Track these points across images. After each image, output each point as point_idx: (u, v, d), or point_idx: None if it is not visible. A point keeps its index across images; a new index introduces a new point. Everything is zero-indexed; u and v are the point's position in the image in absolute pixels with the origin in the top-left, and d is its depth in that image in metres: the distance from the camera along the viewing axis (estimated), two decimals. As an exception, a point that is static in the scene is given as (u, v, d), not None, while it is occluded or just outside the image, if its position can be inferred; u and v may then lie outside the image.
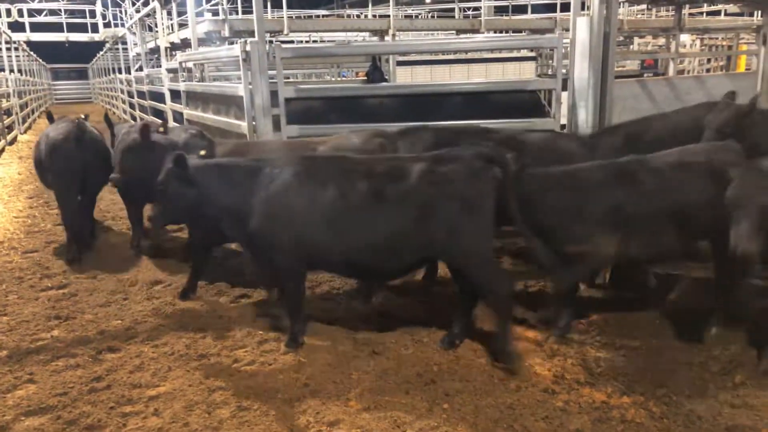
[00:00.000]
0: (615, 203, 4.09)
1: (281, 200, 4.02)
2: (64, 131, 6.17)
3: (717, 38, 18.99)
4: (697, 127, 4.88)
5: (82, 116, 6.78)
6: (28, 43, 27.72)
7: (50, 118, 6.95)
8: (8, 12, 25.96)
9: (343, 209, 3.96)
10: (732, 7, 16.16)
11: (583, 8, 6.37)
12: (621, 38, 16.91)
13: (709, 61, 18.36)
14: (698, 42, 18.87)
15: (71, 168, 6.09)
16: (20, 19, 26.67)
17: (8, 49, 20.73)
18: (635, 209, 4.07)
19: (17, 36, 24.88)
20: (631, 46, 19.28)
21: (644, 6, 16.68)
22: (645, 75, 13.14)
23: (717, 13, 17.43)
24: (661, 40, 18.16)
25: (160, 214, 4.38)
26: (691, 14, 15.53)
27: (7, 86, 17.93)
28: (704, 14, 17.56)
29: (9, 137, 16.29)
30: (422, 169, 3.96)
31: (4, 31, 20.06)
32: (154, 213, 4.39)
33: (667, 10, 17.52)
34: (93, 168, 6.15)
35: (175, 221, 4.49)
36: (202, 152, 4.62)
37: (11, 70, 19.89)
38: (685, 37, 17.53)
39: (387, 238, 3.96)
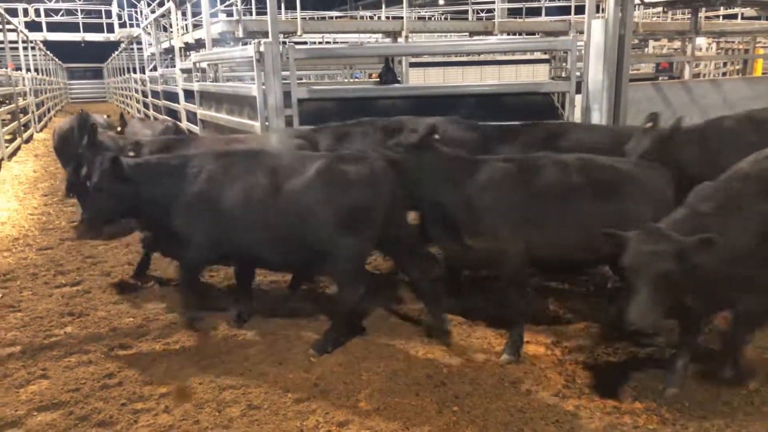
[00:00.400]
0: (516, 200, 3.98)
1: (197, 195, 4.22)
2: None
3: (733, 41, 18.83)
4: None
5: (105, 116, 8.51)
6: (45, 42, 28.04)
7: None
8: (25, 11, 26.31)
9: (247, 202, 4.11)
10: (749, 11, 16.02)
11: (598, 11, 6.33)
12: (636, 41, 16.80)
13: (725, 64, 18.20)
14: (714, 45, 18.70)
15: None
16: (37, 19, 27.03)
17: (25, 48, 20.94)
18: (535, 207, 3.96)
19: (34, 35, 25.17)
20: (646, 49, 19.14)
21: (660, 9, 16.55)
22: (660, 78, 13.04)
23: (734, 16, 17.29)
24: (677, 43, 18.03)
25: (96, 214, 4.54)
26: (707, 17, 15.39)
27: (24, 85, 18.14)
28: (721, 17, 17.40)
29: (25, 135, 16.47)
30: (323, 167, 4.08)
31: (21, 31, 20.28)
32: (90, 213, 4.56)
33: (684, 13, 17.41)
34: None
35: (111, 220, 4.80)
36: (131, 153, 4.83)
37: (28, 69, 20.11)
38: (701, 41, 17.38)
39: (285, 230, 4.08)
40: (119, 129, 7.14)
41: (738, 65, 17.49)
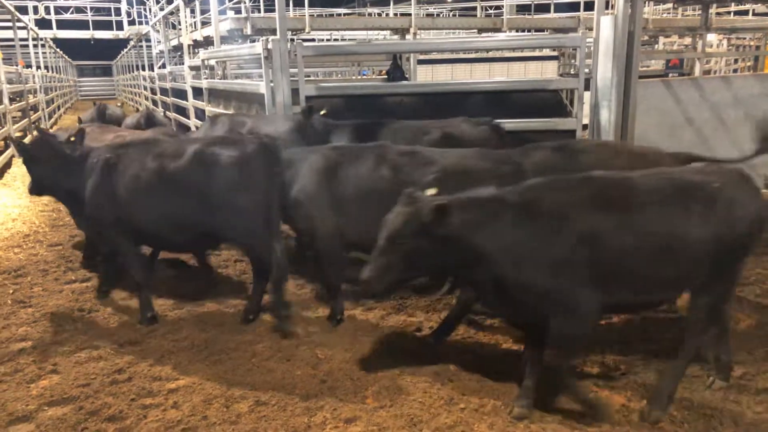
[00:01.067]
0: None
1: (99, 185, 4.51)
2: (90, 112, 10.23)
3: (744, 38, 18.64)
4: None
5: (119, 104, 9.71)
6: (55, 39, 28.16)
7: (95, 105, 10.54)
8: (36, 9, 26.41)
9: (138, 187, 4.40)
10: (760, 7, 15.88)
11: (607, 7, 6.29)
12: (646, 38, 16.68)
13: (736, 61, 18.03)
14: (725, 42, 18.52)
15: None
16: (47, 16, 27.10)
17: (35, 45, 21.07)
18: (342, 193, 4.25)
19: (44, 33, 25.30)
20: (656, 46, 18.99)
21: (670, 5, 16.43)
22: (670, 75, 12.94)
23: (745, 12, 17.13)
24: (687, 40, 17.88)
25: (31, 186, 5.07)
26: (718, 14, 15.26)
27: (34, 82, 18.25)
28: (732, 14, 17.26)
29: (35, 133, 16.58)
30: (196, 150, 4.33)
31: (31, 28, 20.38)
32: (30, 184, 5.04)
33: (694, 10, 17.26)
34: None
35: (39, 194, 5.25)
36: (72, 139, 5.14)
37: (38, 67, 20.24)
38: (711, 37, 17.22)
39: (169, 212, 4.39)
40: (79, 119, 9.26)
41: (749, 62, 17.30)
